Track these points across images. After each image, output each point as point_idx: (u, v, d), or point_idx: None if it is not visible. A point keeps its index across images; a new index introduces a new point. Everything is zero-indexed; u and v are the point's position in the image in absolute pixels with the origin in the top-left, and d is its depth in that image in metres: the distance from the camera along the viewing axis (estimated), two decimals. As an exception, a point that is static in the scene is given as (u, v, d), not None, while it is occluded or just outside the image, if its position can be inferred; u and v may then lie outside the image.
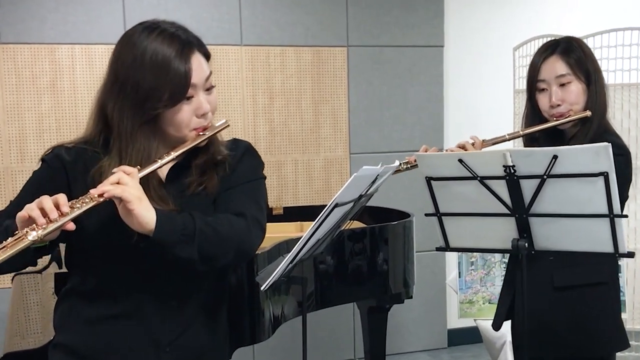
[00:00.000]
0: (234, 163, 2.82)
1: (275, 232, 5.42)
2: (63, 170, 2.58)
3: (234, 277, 4.13)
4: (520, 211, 3.05)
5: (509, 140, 3.87)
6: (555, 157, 2.86)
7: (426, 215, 3.33)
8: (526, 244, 3.08)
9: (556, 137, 3.60)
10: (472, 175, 3.06)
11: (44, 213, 2.31)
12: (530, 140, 3.68)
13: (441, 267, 7.64)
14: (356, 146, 7.26)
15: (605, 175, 2.80)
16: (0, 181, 6.16)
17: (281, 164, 7.04)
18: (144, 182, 2.51)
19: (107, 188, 2.35)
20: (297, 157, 7.10)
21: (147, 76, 2.52)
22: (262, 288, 3.75)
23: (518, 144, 4.00)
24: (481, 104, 7.51)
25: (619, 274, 3.67)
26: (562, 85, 3.49)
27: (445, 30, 7.54)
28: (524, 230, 3.09)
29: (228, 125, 2.76)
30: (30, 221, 2.30)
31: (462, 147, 3.71)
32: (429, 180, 3.20)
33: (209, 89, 2.71)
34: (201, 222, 2.53)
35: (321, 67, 7.12)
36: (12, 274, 5.21)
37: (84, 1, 6.34)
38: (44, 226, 2.29)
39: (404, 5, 7.31)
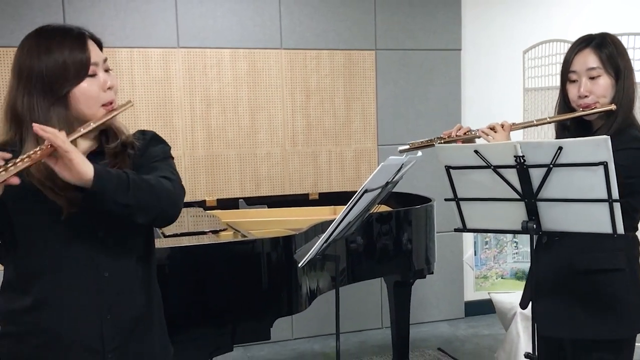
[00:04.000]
0: (143, 147, 2.71)
1: (311, 215, 5.44)
2: None
3: (275, 255, 4.15)
4: (529, 196, 3.04)
5: (536, 125, 3.76)
6: (560, 148, 2.85)
7: (446, 200, 3.32)
8: (534, 226, 3.08)
9: (585, 127, 3.49)
10: (486, 165, 3.06)
11: None
12: (562, 128, 3.58)
13: (459, 246, 7.63)
14: (383, 138, 7.26)
15: (605, 165, 2.79)
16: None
17: (316, 154, 7.05)
18: None
19: (49, 135, 2.24)
20: (330, 149, 7.11)
21: (50, 62, 2.48)
22: (299, 265, 3.78)
23: (550, 130, 3.92)
24: (494, 101, 7.48)
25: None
26: (592, 78, 3.35)
27: (463, 35, 7.52)
28: (533, 213, 3.08)
29: (132, 104, 2.69)
30: None
31: (492, 128, 3.62)
32: (448, 168, 3.20)
33: (107, 70, 2.64)
34: (133, 174, 2.47)
35: (352, 68, 7.12)
36: None
37: (141, 9, 6.37)
38: None
39: (425, 13, 7.30)
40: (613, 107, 3.33)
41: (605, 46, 3.38)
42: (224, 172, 6.69)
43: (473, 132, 3.74)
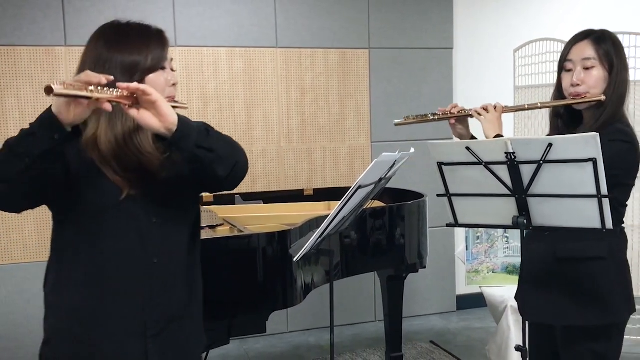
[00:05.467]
0: None
1: (306, 211, 5.44)
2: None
3: (270, 249, 4.15)
4: (519, 192, 3.04)
5: (527, 109, 3.91)
6: (550, 145, 2.85)
7: (438, 195, 3.32)
8: (525, 221, 3.09)
9: (576, 118, 3.51)
10: (477, 161, 3.06)
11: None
12: (555, 116, 3.58)
13: (451, 241, 7.64)
14: (377, 135, 7.26)
15: (594, 161, 2.79)
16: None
17: (311, 151, 7.05)
18: None
19: (133, 85, 2.35)
20: (325, 145, 7.11)
21: (130, 55, 2.57)
22: (294, 259, 3.78)
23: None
24: (485, 99, 7.33)
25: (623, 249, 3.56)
26: (586, 68, 3.37)
27: (455, 34, 7.54)
28: (523, 208, 3.09)
29: (187, 107, 2.75)
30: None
31: (485, 108, 3.72)
32: (440, 165, 3.20)
33: (172, 70, 2.73)
34: (209, 126, 2.57)
35: (346, 66, 7.12)
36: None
37: (139, 9, 6.37)
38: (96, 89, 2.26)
39: (418, 13, 7.31)
40: (602, 97, 3.35)
41: (604, 41, 3.40)
42: (221, 168, 6.67)
43: (467, 111, 3.83)
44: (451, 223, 3.39)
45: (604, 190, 2.85)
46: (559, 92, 3.55)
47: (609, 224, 2.91)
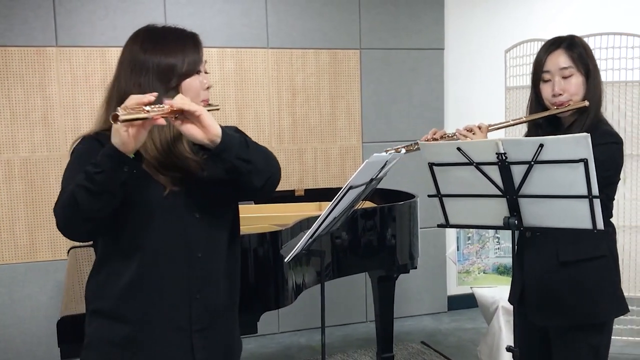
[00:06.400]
0: None
1: (297, 211, 5.44)
2: (101, 148, 2.53)
3: (261, 250, 4.15)
4: (510, 193, 3.04)
5: (512, 125, 3.87)
6: (541, 145, 2.85)
7: (429, 196, 3.32)
8: (516, 222, 3.09)
9: (556, 124, 3.57)
10: (469, 162, 3.06)
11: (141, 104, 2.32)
12: (535, 126, 3.64)
13: (442, 241, 7.65)
14: (368, 136, 7.26)
15: (585, 162, 2.79)
16: (56, 167, 6.18)
17: (302, 151, 7.05)
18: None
19: (177, 101, 2.39)
20: (316, 146, 7.10)
21: (166, 58, 2.60)
22: (285, 260, 3.77)
23: (523, 128, 3.94)
24: (476, 99, 7.49)
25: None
26: (565, 77, 3.45)
27: (446, 35, 7.54)
28: (514, 209, 3.09)
29: (219, 109, 2.78)
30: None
31: (470, 129, 3.72)
32: (431, 165, 3.20)
33: (206, 72, 2.76)
34: (248, 138, 2.63)
35: (337, 67, 7.12)
36: (68, 247, 5.24)
37: (130, 10, 6.36)
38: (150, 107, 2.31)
39: (409, 13, 7.31)
40: (586, 103, 3.43)
41: (575, 47, 3.49)
42: (212, 169, 6.66)
43: (450, 135, 3.82)
44: (442, 224, 3.39)
45: (595, 190, 2.86)
46: (537, 103, 3.62)
47: (600, 225, 2.93)
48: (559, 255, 3.42)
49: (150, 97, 2.35)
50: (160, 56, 2.61)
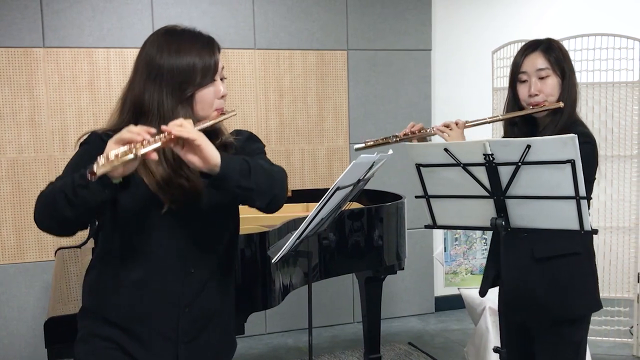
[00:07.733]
0: (241, 146, 2.79)
1: (284, 212, 5.41)
2: (104, 148, 2.52)
3: (249, 251, 4.15)
4: (498, 194, 3.05)
5: (489, 122, 3.92)
6: (528, 146, 2.86)
7: (416, 197, 3.32)
8: (503, 222, 3.09)
9: (532, 124, 3.63)
10: (456, 163, 3.06)
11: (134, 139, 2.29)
12: (511, 125, 3.70)
13: (429, 242, 7.66)
14: (355, 137, 7.25)
15: (572, 162, 2.80)
16: (44, 167, 6.17)
17: (289, 152, 7.04)
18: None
19: (174, 128, 2.34)
20: (303, 147, 7.10)
21: (181, 63, 2.58)
22: (273, 261, 3.77)
23: (499, 126, 3.94)
24: (464, 100, 7.50)
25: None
26: (541, 78, 3.52)
27: (433, 36, 7.55)
28: (501, 210, 3.09)
29: (236, 114, 2.76)
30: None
31: (447, 125, 3.76)
32: (418, 166, 3.20)
33: (222, 79, 2.73)
34: (252, 161, 2.57)
35: (324, 68, 7.12)
36: (55, 248, 5.23)
37: (117, 11, 6.35)
38: (140, 145, 2.26)
39: (396, 14, 7.32)
40: (561, 104, 3.51)
41: (552, 49, 3.58)
42: (199, 170, 6.65)
43: (427, 130, 3.86)
44: (429, 225, 3.39)
45: (582, 191, 2.87)
46: (514, 103, 3.69)
47: (587, 226, 2.94)
48: (534, 252, 3.48)
49: (146, 134, 2.31)
50: (174, 61, 2.58)
